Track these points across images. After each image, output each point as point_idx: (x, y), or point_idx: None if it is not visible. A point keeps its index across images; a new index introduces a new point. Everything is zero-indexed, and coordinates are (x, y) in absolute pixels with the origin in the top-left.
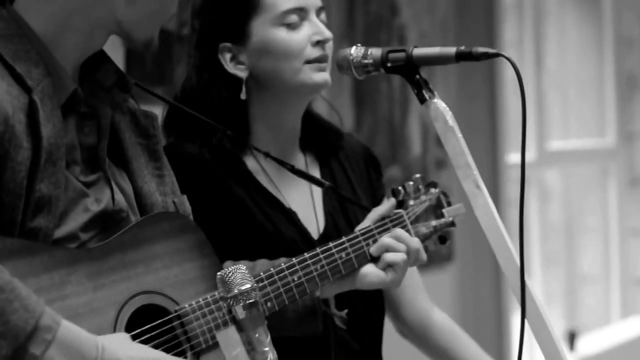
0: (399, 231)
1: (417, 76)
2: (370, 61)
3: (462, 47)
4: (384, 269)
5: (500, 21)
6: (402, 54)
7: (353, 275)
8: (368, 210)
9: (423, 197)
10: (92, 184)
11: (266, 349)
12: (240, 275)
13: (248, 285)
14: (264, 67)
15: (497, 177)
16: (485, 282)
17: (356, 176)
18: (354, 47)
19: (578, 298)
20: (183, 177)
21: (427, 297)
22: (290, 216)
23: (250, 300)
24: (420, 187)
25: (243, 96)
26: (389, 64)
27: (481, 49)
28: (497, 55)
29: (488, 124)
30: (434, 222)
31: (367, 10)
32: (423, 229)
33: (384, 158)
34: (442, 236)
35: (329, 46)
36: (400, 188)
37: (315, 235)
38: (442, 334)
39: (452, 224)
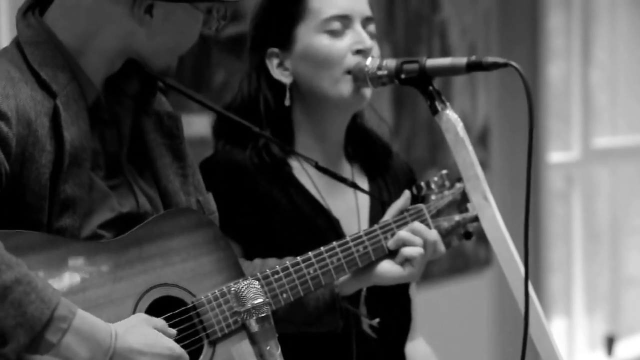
0: (416, 224)
1: (431, 87)
2: (385, 72)
3: (473, 58)
4: (401, 264)
5: (545, 13)
6: (415, 65)
7: (371, 271)
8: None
9: (446, 192)
10: (114, 188)
11: None
12: (253, 290)
13: (260, 300)
14: (305, 73)
15: (538, 176)
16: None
17: (397, 195)
18: (369, 59)
19: (622, 300)
20: (229, 184)
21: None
22: (332, 223)
23: (263, 314)
24: (446, 182)
25: (287, 102)
26: (403, 75)
27: (491, 59)
28: (507, 65)
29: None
30: (457, 217)
31: (407, 7)
32: (444, 223)
33: (423, 160)
34: (468, 232)
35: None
36: (422, 184)
37: None
38: None
39: (477, 218)
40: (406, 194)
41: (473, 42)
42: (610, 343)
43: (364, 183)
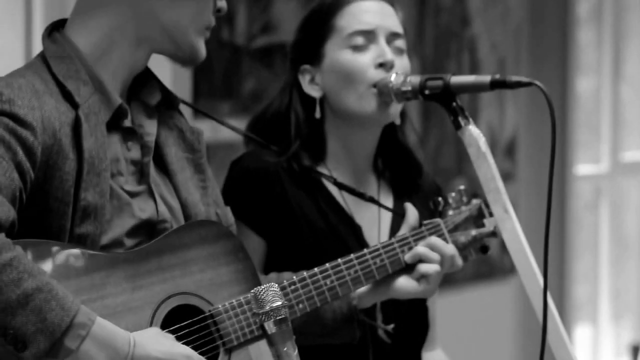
0: (433, 239)
1: (454, 103)
2: (409, 88)
3: (497, 76)
4: (417, 279)
5: (576, 27)
6: (439, 82)
7: (387, 285)
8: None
9: (463, 208)
10: (136, 195)
11: None
12: (272, 293)
13: (279, 303)
14: (332, 87)
15: (565, 188)
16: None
17: (423, 214)
18: (393, 75)
19: None
20: (258, 184)
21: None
22: (355, 230)
23: (281, 317)
24: (463, 198)
25: (317, 115)
26: (426, 92)
27: (515, 78)
28: (531, 84)
29: (558, 136)
30: (473, 232)
31: (437, 22)
32: (462, 237)
33: (450, 170)
34: (484, 246)
35: (402, 73)
36: (439, 199)
37: None
38: None
39: (493, 233)
40: (407, 206)
41: (503, 57)
42: (635, 352)
43: (389, 198)
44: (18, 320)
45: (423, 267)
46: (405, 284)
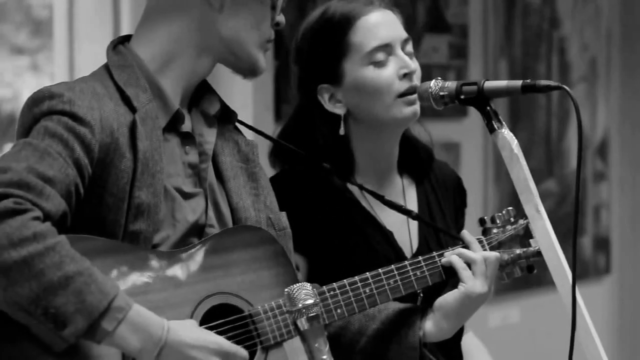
0: (460, 249)
1: (488, 108)
2: (447, 93)
3: (528, 81)
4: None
5: None
6: (474, 87)
7: (438, 307)
8: (452, 237)
9: (509, 227)
10: (191, 196)
11: (324, 357)
12: (304, 291)
13: (311, 301)
14: (358, 104)
15: None
16: None
17: (446, 202)
18: (433, 81)
19: None
20: (295, 205)
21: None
22: (386, 235)
23: (312, 314)
24: (511, 218)
25: (342, 132)
26: (462, 96)
27: (544, 82)
28: (559, 87)
29: None
30: (518, 250)
31: (525, 24)
32: (505, 255)
33: (539, 172)
34: (530, 265)
35: (417, 77)
36: (486, 217)
37: (408, 254)
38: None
39: (539, 253)
40: (464, 234)
41: (594, 58)
42: None
43: (412, 191)
44: (59, 300)
45: (459, 273)
46: (447, 294)
